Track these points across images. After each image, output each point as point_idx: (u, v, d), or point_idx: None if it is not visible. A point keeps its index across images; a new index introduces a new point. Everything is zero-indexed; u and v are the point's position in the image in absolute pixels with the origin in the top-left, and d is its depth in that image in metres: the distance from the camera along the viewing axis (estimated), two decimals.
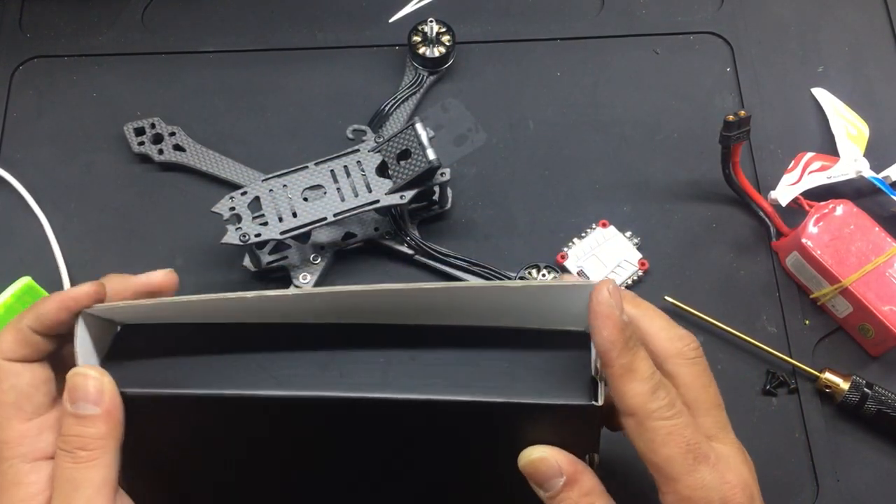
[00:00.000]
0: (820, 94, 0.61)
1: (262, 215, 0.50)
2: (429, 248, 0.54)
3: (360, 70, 0.62)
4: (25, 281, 0.52)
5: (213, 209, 0.50)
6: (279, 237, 0.50)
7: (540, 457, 0.34)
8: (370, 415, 0.34)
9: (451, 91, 0.61)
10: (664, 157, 0.59)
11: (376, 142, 0.52)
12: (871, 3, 0.65)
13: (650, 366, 0.33)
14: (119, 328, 0.36)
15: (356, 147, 0.52)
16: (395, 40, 0.62)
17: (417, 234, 0.54)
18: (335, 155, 0.52)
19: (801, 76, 0.62)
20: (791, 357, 0.52)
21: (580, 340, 0.35)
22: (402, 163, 0.50)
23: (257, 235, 0.49)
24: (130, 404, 0.33)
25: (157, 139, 0.58)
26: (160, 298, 0.34)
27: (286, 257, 0.54)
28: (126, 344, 0.36)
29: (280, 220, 0.50)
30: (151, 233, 0.56)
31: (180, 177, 0.58)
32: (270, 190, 0.51)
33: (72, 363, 0.33)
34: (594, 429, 0.34)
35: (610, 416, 0.37)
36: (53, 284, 0.54)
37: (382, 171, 0.51)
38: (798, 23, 0.64)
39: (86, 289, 0.34)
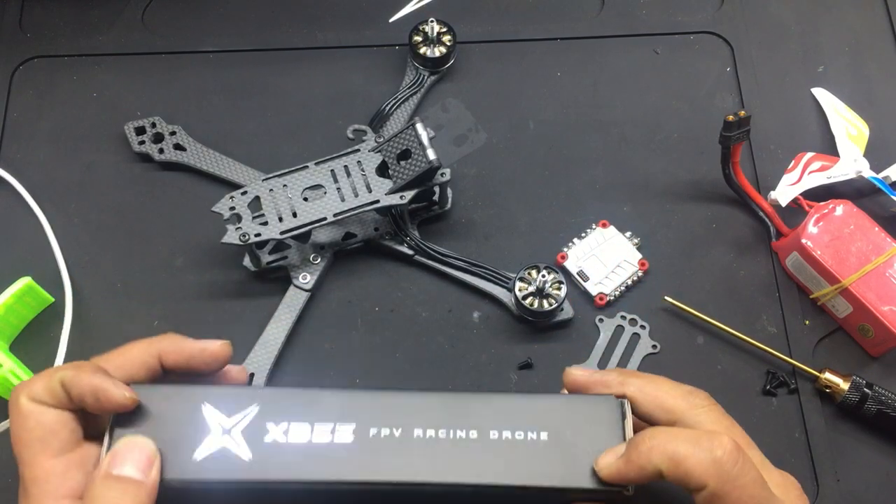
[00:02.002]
0: (820, 94, 0.61)
1: (262, 215, 0.50)
2: (429, 248, 0.54)
3: (360, 70, 0.62)
4: (25, 281, 0.52)
5: (213, 209, 0.51)
6: (279, 237, 0.50)
7: None
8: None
9: (452, 91, 0.61)
10: (664, 157, 0.59)
11: (377, 142, 0.52)
12: (871, 3, 0.65)
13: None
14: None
15: (356, 147, 0.52)
16: (395, 40, 0.62)
17: (417, 235, 0.54)
18: (335, 155, 0.52)
19: (801, 76, 0.62)
20: (791, 357, 0.52)
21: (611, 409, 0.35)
22: (403, 163, 0.50)
23: (257, 235, 0.49)
24: None
25: (158, 138, 0.58)
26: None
27: (286, 257, 0.54)
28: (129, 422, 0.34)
29: (280, 219, 0.50)
30: (151, 233, 0.56)
31: (180, 176, 0.58)
32: (270, 190, 0.51)
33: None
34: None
35: None
36: (53, 284, 0.54)
37: (383, 171, 0.51)
38: (798, 23, 0.64)
39: (121, 400, 0.33)
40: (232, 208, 0.50)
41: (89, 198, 0.57)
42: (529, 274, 0.52)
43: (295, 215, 0.50)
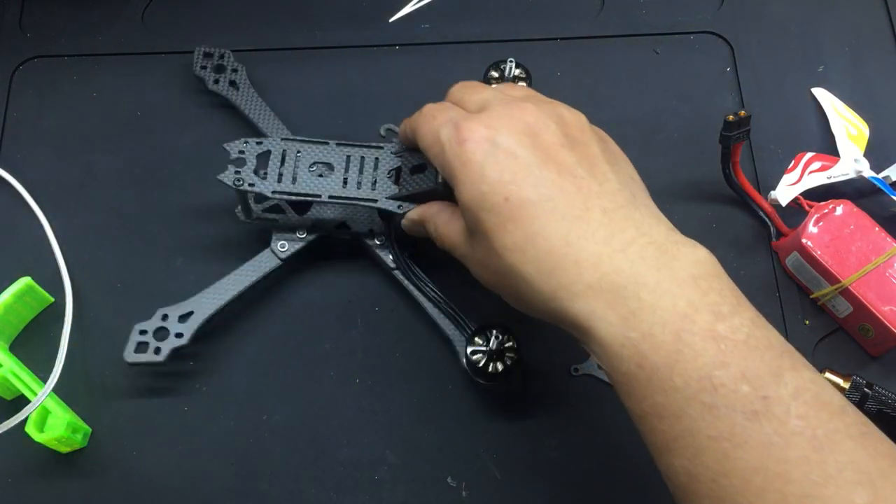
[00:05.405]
0: (820, 94, 0.61)
1: (265, 170, 0.50)
2: (411, 268, 0.52)
3: (360, 70, 0.62)
4: (25, 281, 0.52)
5: (225, 145, 0.50)
6: (269, 195, 0.49)
7: None
8: None
9: None
10: (664, 157, 0.59)
11: (401, 147, 0.52)
12: (871, 3, 0.65)
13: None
14: None
15: (382, 144, 0.52)
16: (396, 40, 0.62)
17: (405, 252, 0.53)
18: (358, 143, 0.52)
19: (801, 76, 0.62)
20: None
21: None
22: (415, 176, 0.50)
23: (251, 185, 0.49)
24: None
25: (219, 70, 0.59)
26: None
27: (277, 220, 0.53)
28: None
29: (279, 180, 0.50)
30: (151, 233, 0.56)
31: (180, 177, 0.58)
32: (284, 150, 0.51)
33: None
34: None
35: None
36: (53, 284, 0.54)
37: (397, 176, 0.51)
38: (798, 23, 0.64)
39: None
40: (241, 152, 0.50)
41: (89, 198, 0.57)
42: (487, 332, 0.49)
43: (294, 182, 0.50)
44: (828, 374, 0.51)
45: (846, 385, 0.50)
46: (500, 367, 0.48)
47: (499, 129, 0.40)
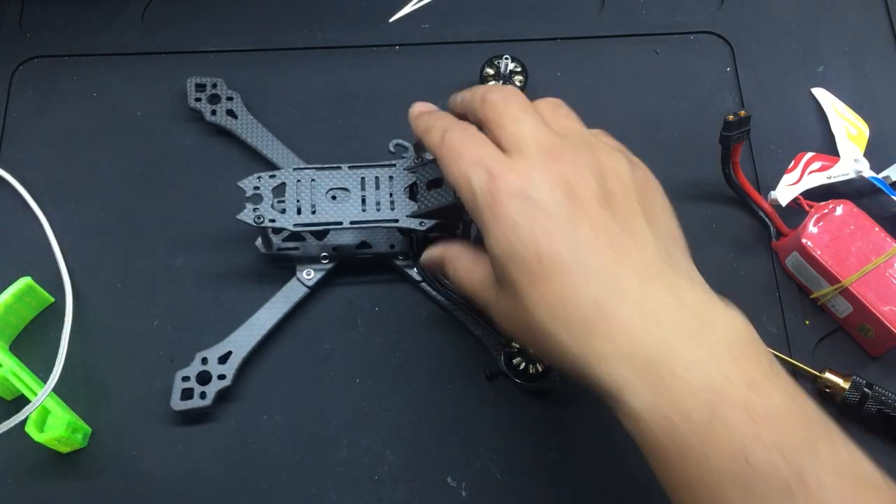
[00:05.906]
0: (820, 94, 0.61)
1: (283, 202, 0.50)
2: (438, 280, 0.52)
3: (360, 70, 0.62)
4: (25, 281, 0.52)
5: (239, 183, 0.50)
6: (292, 228, 0.49)
7: None
8: None
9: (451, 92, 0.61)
10: (664, 157, 0.59)
11: (414, 162, 0.51)
12: (871, 3, 0.65)
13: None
14: None
15: (393, 162, 0.52)
16: (395, 40, 0.62)
17: None
18: (370, 164, 0.51)
19: (801, 76, 0.62)
20: (791, 357, 0.52)
21: None
22: (432, 191, 0.50)
23: (272, 221, 0.49)
24: None
25: (214, 100, 0.59)
26: None
27: (298, 248, 0.53)
28: None
29: (299, 212, 0.50)
30: (152, 233, 0.56)
31: (180, 177, 0.58)
32: (298, 181, 0.51)
33: None
34: None
35: None
36: (53, 284, 0.54)
37: (413, 192, 0.51)
38: (798, 23, 0.64)
39: None
40: (256, 188, 0.50)
41: (89, 198, 0.57)
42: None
43: (314, 212, 0.50)
44: (828, 374, 0.51)
45: (846, 385, 0.50)
46: (539, 367, 0.50)
47: (533, 181, 0.39)
